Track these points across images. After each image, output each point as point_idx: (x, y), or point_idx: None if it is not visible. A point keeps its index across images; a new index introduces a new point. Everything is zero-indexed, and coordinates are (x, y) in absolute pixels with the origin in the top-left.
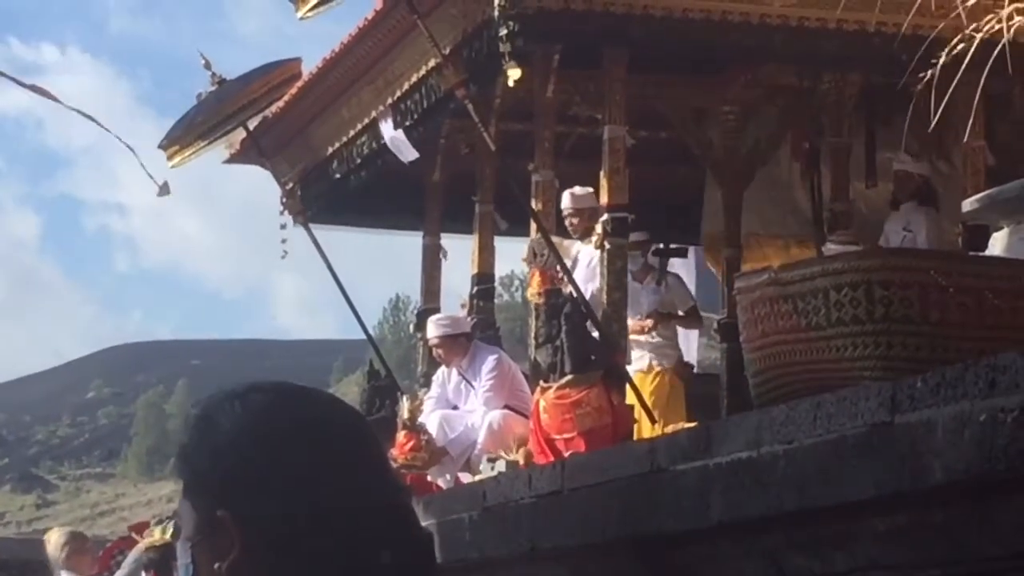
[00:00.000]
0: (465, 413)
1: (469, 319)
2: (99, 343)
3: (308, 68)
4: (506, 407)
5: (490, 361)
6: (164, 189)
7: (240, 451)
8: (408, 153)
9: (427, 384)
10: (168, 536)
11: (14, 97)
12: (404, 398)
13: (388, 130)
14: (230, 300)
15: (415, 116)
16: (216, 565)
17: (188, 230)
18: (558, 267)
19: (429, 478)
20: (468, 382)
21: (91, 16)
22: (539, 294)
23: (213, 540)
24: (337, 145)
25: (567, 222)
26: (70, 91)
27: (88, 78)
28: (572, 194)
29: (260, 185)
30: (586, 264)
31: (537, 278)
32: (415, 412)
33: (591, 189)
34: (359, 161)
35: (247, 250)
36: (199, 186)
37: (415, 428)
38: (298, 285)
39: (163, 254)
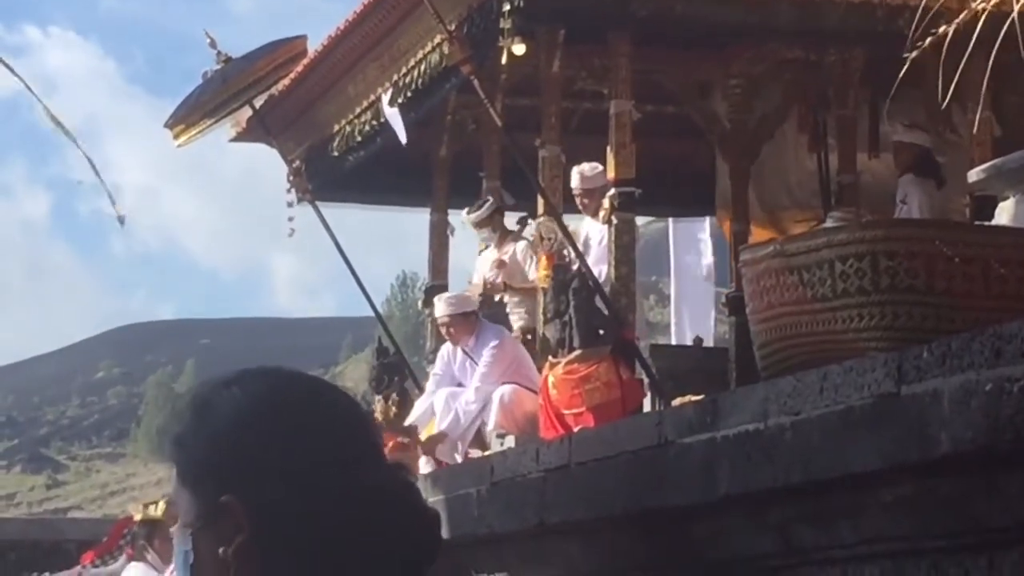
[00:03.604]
0: (462, 391)
1: (477, 297)
2: (102, 324)
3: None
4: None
5: (492, 340)
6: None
7: (243, 436)
8: (400, 133)
9: (435, 361)
10: (157, 513)
11: (5, 79)
12: (377, 400)
13: (387, 108)
14: (228, 280)
15: (414, 91)
16: (221, 550)
17: (182, 210)
18: (567, 247)
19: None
20: (472, 360)
21: None
22: (548, 277)
23: (216, 526)
24: (343, 122)
25: (578, 201)
26: (58, 71)
27: (77, 58)
28: (582, 174)
29: (254, 164)
30: (598, 243)
31: (544, 261)
32: (388, 412)
33: (600, 167)
34: (365, 138)
35: (243, 229)
36: (192, 166)
37: (394, 429)
38: (296, 264)
39: (158, 235)
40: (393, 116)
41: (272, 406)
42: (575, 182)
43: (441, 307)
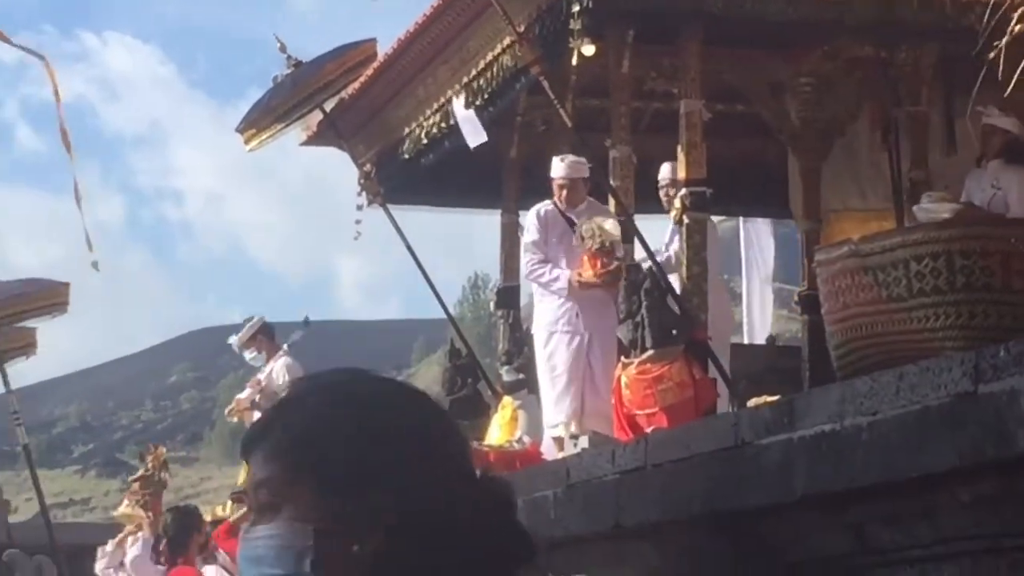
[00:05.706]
0: None
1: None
2: (173, 328)
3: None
4: None
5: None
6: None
7: (397, 438)
8: (476, 135)
9: (509, 361)
10: (227, 513)
11: (67, 84)
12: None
13: (460, 110)
14: (294, 284)
15: (488, 94)
16: (355, 548)
17: (247, 215)
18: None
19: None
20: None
21: (142, 1)
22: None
23: (350, 524)
24: (413, 125)
25: (662, 193)
26: (119, 77)
27: (137, 63)
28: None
29: (318, 168)
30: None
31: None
32: (602, 234)
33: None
34: (435, 140)
35: (308, 233)
36: (257, 171)
37: (604, 251)
38: (361, 267)
39: (224, 240)
40: (468, 119)
41: (420, 412)
42: (661, 174)
43: (560, 168)
